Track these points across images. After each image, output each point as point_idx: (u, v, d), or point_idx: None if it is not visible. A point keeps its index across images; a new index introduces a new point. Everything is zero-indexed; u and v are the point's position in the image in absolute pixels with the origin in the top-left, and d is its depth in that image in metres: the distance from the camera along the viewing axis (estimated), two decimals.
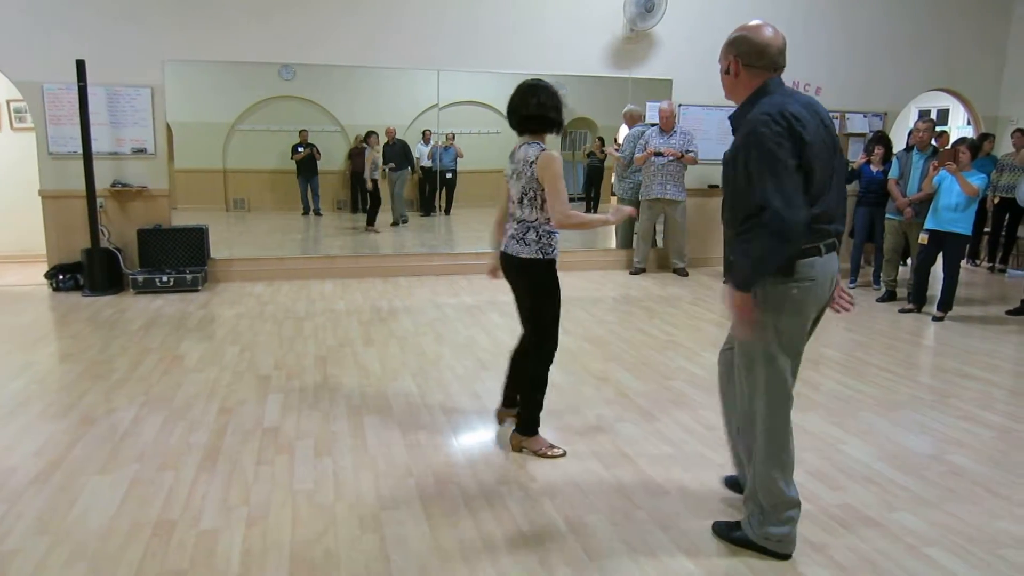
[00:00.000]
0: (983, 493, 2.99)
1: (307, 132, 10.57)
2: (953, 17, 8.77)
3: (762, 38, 2.34)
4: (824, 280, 2.36)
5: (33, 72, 6.53)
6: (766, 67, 2.34)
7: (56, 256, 6.79)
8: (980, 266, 8.77)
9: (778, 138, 2.19)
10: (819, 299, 2.39)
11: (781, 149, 2.19)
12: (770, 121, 2.21)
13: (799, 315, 2.36)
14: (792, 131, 2.21)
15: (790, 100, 2.28)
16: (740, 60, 2.35)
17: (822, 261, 2.34)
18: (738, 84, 2.39)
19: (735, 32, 2.39)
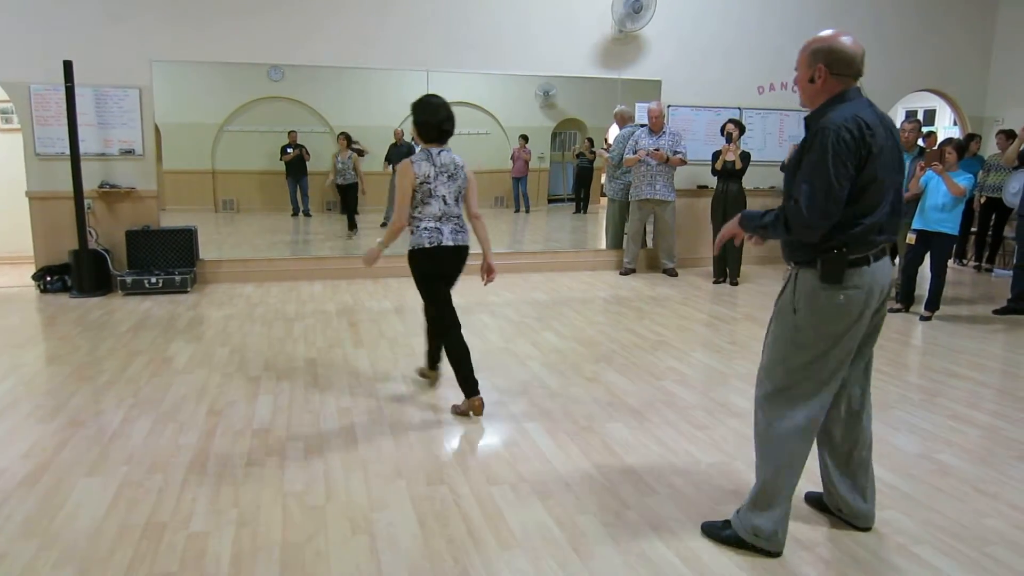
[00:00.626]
0: (971, 492, 3.01)
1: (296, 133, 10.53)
2: (940, 18, 8.84)
3: (850, 48, 2.39)
4: (874, 288, 2.38)
5: (20, 73, 6.49)
6: (852, 75, 2.40)
7: (43, 258, 6.75)
8: (967, 266, 8.84)
9: (845, 146, 2.24)
10: (869, 308, 2.40)
11: (839, 159, 2.24)
12: (843, 128, 2.25)
13: (844, 320, 2.37)
14: (863, 140, 2.26)
15: (865, 109, 2.34)
16: (830, 69, 2.38)
17: (870, 270, 2.36)
18: (821, 91, 2.41)
19: (819, 42, 2.41)
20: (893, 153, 2.36)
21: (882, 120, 2.35)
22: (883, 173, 2.32)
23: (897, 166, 2.39)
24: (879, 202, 2.34)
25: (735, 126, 7.28)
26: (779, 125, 8.54)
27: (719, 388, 4.24)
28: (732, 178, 7.29)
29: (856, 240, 2.33)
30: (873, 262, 2.37)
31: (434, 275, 3.86)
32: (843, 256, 2.32)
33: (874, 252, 2.37)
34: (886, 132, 2.34)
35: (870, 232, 2.34)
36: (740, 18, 8.17)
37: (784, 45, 8.35)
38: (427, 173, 3.68)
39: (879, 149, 2.29)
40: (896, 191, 2.39)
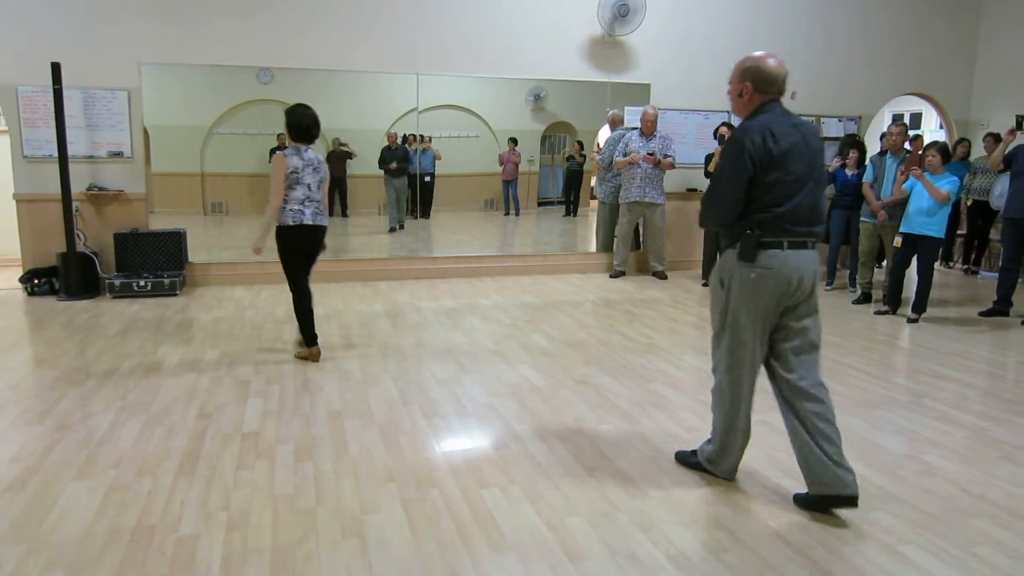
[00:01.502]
0: (957, 492, 3.04)
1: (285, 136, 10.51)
2: (925, 23, 8.92)
3: (774, 70, 2.78)
4: (783, 273, 2.73)
5: (7, 75, 6.45)
6: (774, 92, 2.79)
7: (31, 260, 6.71)
8: (953, 268, 8.92)
9: (747, 151, 2.67)
10: (778, 289, 2.75)
11: (740, 161, 2.68)
12: (748, 136, 2.69)
13: (756, 297, 2.76)
14: (765, 147, 2.66)
15: (778, 120, 2.73)
16: (755, 87, 2.78)
17: (783, 255, 2.73)
18: (747, 104, 2.82)
19: (749, 62, 2.80)
20: (803, 156, 2.72)
21: (797, 128, 2.76)
22: (791, 173, 2.70)
23: (809, 167, 2.74)
24: (790, 196, 2.71)
25: (728, 129, 7.31)
26: None
27: (709, 390, 4.25)
28: None
29: (767, 226, 2.72)
30: (787, 249, 2.73)
31: (296, 248, 4.61)
32: (755, 237, 2.72)
33: (789, 240, 2.73)
34: (797, 140, 2.72)
35: (783, 221, 2.72)
36: (729, 22, 8.22)
37: (773, 49, 8.35)
38: (296, 165, 4.52)
39: (783, 154, 2.68)
40: (814, 188, 2.75)
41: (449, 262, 7.86)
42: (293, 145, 4.60)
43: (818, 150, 2.80)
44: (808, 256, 2.78)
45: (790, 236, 2.73)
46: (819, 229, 2.80)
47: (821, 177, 2.80)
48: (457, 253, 8.27)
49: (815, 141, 2.79)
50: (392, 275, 7.60)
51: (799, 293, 2.79)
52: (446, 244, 9.97)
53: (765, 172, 2.68)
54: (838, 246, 7.37)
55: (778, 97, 2.80)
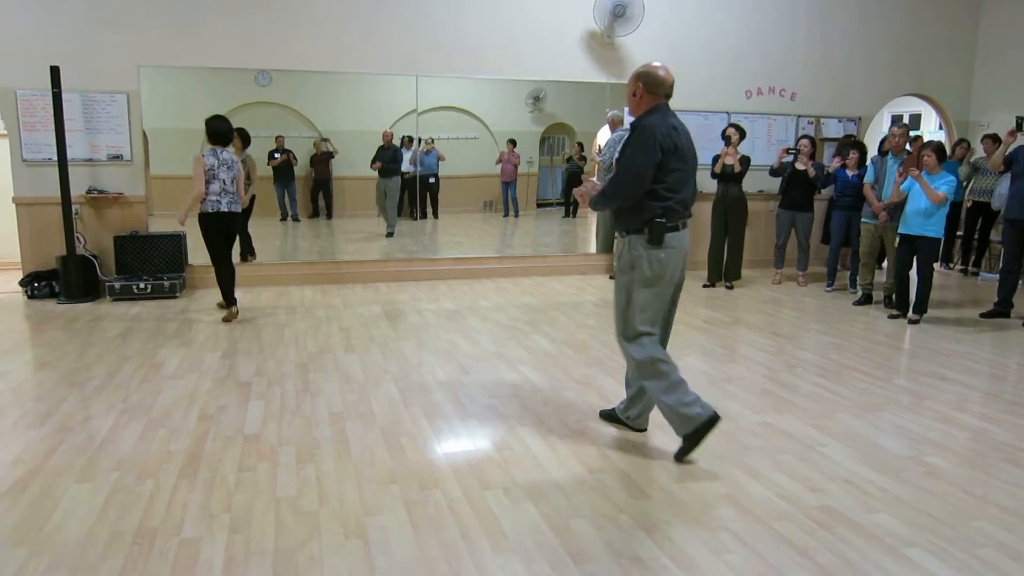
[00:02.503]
0: (960, 494, 3.04)
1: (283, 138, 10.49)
2: (925, 23, 8.94)
3: (662, 76, 3.25)
4: (680, 249, 3.25)
5: (6, 78, 6.45)
6: (662, 95, 3.24)
7: (31, 263, 6.70)
8: (954, 269, 8.92)
9: (655, 142, 3.09)
10: (676, 263, 3.26)
11: (649, 150, 3.10)
12: (655, 129, 3.12)
13: (664, 273, 3.23)
14: (669, 139, 3.13)
15: (671, 119, 3.22)
16: (646, 88, 3.23)
17: (680, 235, 3.24)
18: (640, 104, 3.27)
19: (642, 69, 3.28)
20: (690, 151, 3.23)
21: (681, 126, 3.24)
22: (684, 165, 3.20)
23: (694, 160, 3.28)
24: (683, 185, 3.21)
25: (735, 130, 7.32)
26: (767, 129, 8.61)
27: (711, 392, 4.26)
28: (731, 181, 7.33)
29: (670, 212, 3.18)
30: (681, 229, 3.25)
31: (214, 230, 5.67)
32: (663, 224, 3.16)
33: (681, 221, 3.25)
34: (685, 133, 3.23)
35: (679, 206, 3.21)
36: (728, 23, 8.23)
37: (772, 50, 8.42)
38: (212, 164, 5.55)
39: (679, 147, 3.15)
40: (693, 180, 3.30)
41: (449, 264, 7.86)
42: (211, 148, 5.63)
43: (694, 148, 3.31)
44: (688, 235, 3.33)
45: (683, 219, 3.26)
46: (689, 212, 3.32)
47: (696, 170, 3.35)
48: (457, 255, 8.27)
49: (688, 140, 3.28)
50: (392, 277, 7.60)
51: (683, 268, 3.32)
52: (446, 246, 9.97)
53: (669, 160, 3.13)
54: (838, 247, 7.37)
55: (665, 100, 3.25)
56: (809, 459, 3.34)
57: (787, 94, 8.57)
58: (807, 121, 8.73)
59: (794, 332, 5.72)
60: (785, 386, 4.38)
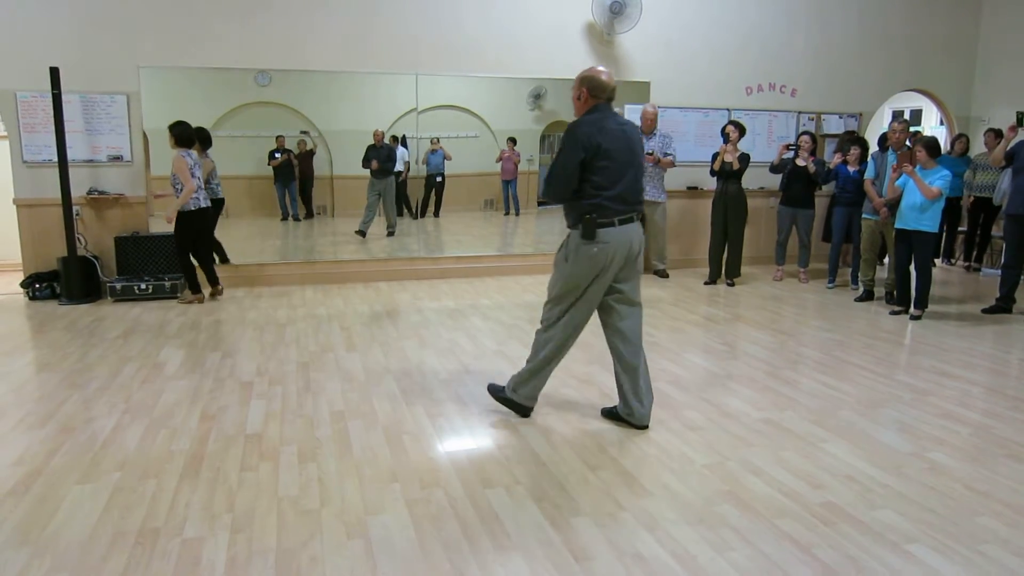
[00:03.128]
0: (962, 490, 3.03)
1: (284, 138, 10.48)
2: (925, 19, 8.92)
3: (604, 79, 3.43)
4: (618, 244, 3.38)
5: (6, 80, 6.45)
6: (604, 97, 3.42)
7: (32, 265, 6.71)
8: (955, 265, 8.91)
9: (580, 142, 3.29)
10: (616, 258, 3.39)
11: (574, 149, 3.30)
12: (581, 130, 3.31)
13: (594, 267, 3.39)
14: (594, 139, 3.28)
15: (607, 119, 3.36)
16: (589, 92, 3.42)
17: (616, 231, 3.37)
18: (583, 106, 3.45)
19: (586, 73, 3.46)
20: (625, 148, 3.36)
21: (621, 125, 3.40)
22: (615, 163, 3.32)
23: (630, 157, 3.38)
24: (615, 182, 3.34)
25: (734, 127, 7.31)
26: (768, 126, 8.60)
27: (712, 389, 4.26)
28: (731, 179, 7.32)
29: (601, 209, 3.33)
30: (618, 225, 3.37)
31: (197, 227, 6.32)
32: (593, 220, 3.33)
33: (619, 218, 3.37)
34: (620, 135, 3.35)
35: (612, 203, 3.34)
36: (728, 19, 8.22)
37: (773, 47, 8.41)
38: (190, 164, 6.17)
39: (609, 145, 3.30)
40: (635, 174, 3.41)
41: (450, 262, 7.86)
42: (184, 150, 6.21)
43: (637, 143, 3.44)
44: (635, 228, 3.45)
45: (619, 215, 3.37)
46: (640, 207, 3.47)
47: (640, 165, 3.46)
48: (458, 253, 8.26)
49: (635, 136, 3.44)
50: (393, 276, 7.60)
51: (630, 258, 3.46)
52: (447, 244, 9.96)
53: (594, 158, 3.29)
54: (840, 243, 7.37)
55: (607, 101, 3.43)
56: (811, 456, 3.34)
57: (787, 90, 8.56)
58: (808, 117, 8.72)
59: (796, 329, 5.72)
60: (787, 383, 4.38)
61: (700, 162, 8.17)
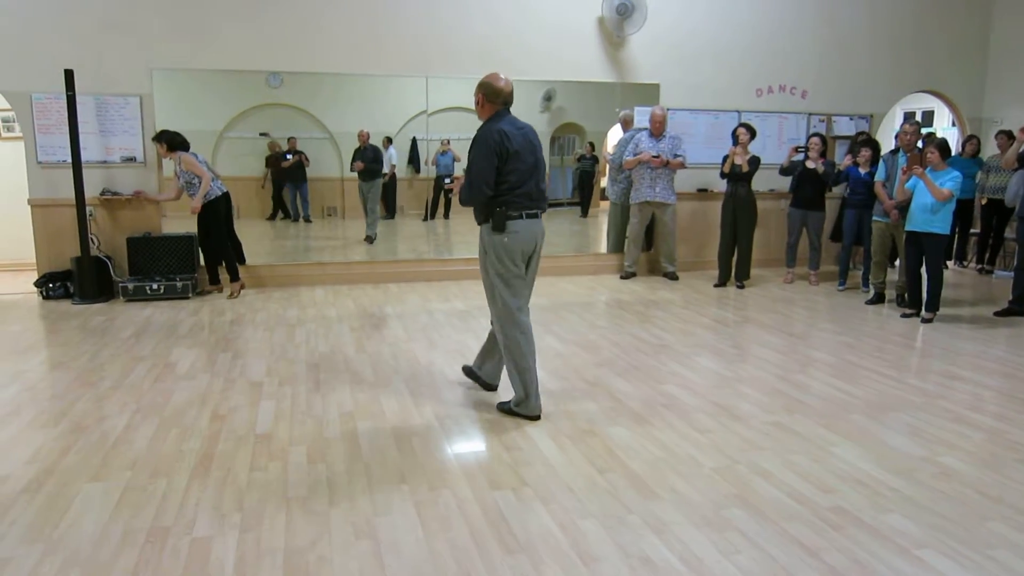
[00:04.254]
0: (973, 495, 3.01)
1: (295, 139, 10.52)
2: (936, 20, 8.87)
3: (499, 85, 3.68)
4: (525, 235, 3.67)
5: (21, 82, 6.52)
6: (501, 102, 3.69)
7: (46, 264, 6.77)
8: (968, 267, 8.85)
9: (492, 146, 3.56)
10: (523, 248, 3.69)
11: (489, 153, 3.56)
12: (491, 135, 3.57)
13: (509, 256, 3.67)
14: (503, 143, 3.56)
15: (508, 124, 3.64)
16: (486, 97, 3.69)
17: (523, 223, 3.66)
18: (483, 111, 3.74)
19: (484, 79, 3.71)
20: (529, 151, 3.67)
21: (521, 129, 3.68)
22: (521, 165, 3.62)
23: (535, 159, 3.69)
24: (523, 181, 3.64)
25: (745, 130, 7.29)
26: (778, 128, 8.57)
27: (721, 392, 4.25)
28: (740, 181, 7.30)
29: (510, 203, 3.61)
30: (525, 219, 3.66)
31: (224, 211, 6.79)
32: (503, 213, 3.60)
33: (525, 212, 3.66)
34: (523, 139, 3.65)
35: (519, 199, 3.63)
36: (738, 21, 8.20)
37: (783, 48, 8.38)
38: (199, 160, 6.63)
39: (516, 150, 3.59)
40: (539, 174, 3.72)
41: (459, 264, 7.87)
42: (190, 152, 6.62)
43: (538, 145, 3.74)
44: (537, 223, 3.74)
45: (525, 209, 3.67)
46: (544, 203, 3.76)
47: (542, 165, 3.75)
48: (467, 255, 8.27)
49: (535, 139, 3.74)
50: (402, 277, 7.62)
51: (534, 252, 3.77)
52: (456, 246, 9.97)
53: (505, 163, 3.56)
54: (850, 245, 7.33)
55: (504, 106, 3.69)
56: (820, 459, 3.33)
57: (797, 92, 8.53)
58: (818, 119, 8.68)
59: (806, 331, 5.70)
60: (796, 386, 4.36)
61: (710, 164, 8.15)
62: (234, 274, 6.86)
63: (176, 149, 6.54)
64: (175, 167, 6.67)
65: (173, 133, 6.56)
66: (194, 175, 6.57)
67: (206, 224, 6.72)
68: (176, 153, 6.56)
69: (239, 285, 6.87)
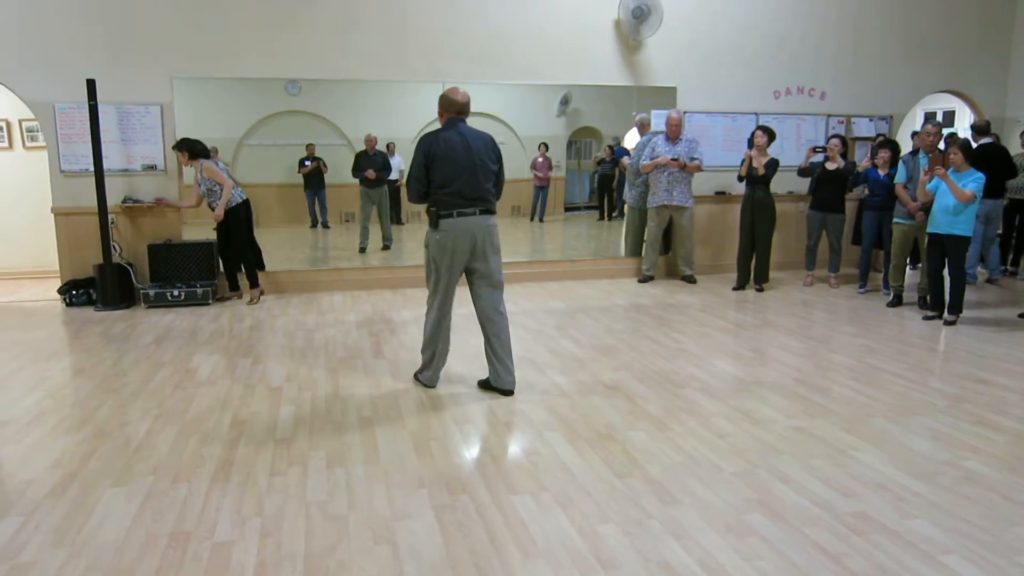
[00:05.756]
0: (998, 499, 2.97)
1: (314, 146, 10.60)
2: (958, 19, 8.77)
3: (453, 97, 4.06)
4: (458, 233, 3.98)
5: (45, 92, 6.62)
6: (455, 112, 4.06)
7: (69, 272, 6.86)
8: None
9: (422, 150, 3.98)
10: (458, 246, 4.00)
11: (419, 157, 3.99)
12: (424, 140, 4.00)
13: (440, 251, 4.02)
14: (432, 148, 3.95)
15: (451, 131, 4.00)
16: (441, 107, 4.08)
17: (454, 221, 3.96)
18: (441, 119, 4.11)
19: (444, 91, 4.09)
20: (462, 155, 3.95)
21: (463, 135, 4.00)
22: (450, 166, 3.93)
23: (468, 163, 3.95)
24: (450, 181, 3.94)
25: (762, 132, 7.24)
26: (796, 129, 8.51)
27: (741, 396, 4.22)
28: (758, 184, 7.26)
29: (441, 203, 3.96)
30: (456, 217, 3.96)
31: (244, 216, 6.83)
32: (436, 212, 3.97)
33: (456, 211, 3.95)
34: (460, 142, 3.97)
35: (449, 198, 3.95)
36: (755, 22, 8.15)
37: (801, 49, 8.33)
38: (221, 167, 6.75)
39: (443, 152, 3.93)
40: (470, 176, 3.96)
41: None
42: (210, 159, 6.74)
43: (480, 149, 4.00)
44: (474, 220, 3.99)
45: (457, 208, 3.95)
46: (481, 203, 3.99)
47: (476, 168, 3.97)
48: None
49: (477, 144, 4.00)
50: (420, 282, 7.59)
51: (477, 246, 4.02)
52: None
53: (432, 164, 3.93)
54: (870, 247, 7.25)
55: (458, 115, 4.04)
56: (842, 464, 3.30)
57: (816, 93, 8.47)
58: (837, 120, 8.62)
59: (826, 335, 5.65)
60: (817, 390, 4.32)
61: (728, 167, 8.11)
62: (253, 280, 6.90)
63: (197, 157, 6.62)
64: (196, 174, 6.72)
65: (193, 141, 6.63)
66: (215, 182, 6.62)
67: (226, 231, 6.78)
68: (198, 161, 6.64)
69: (258, 291, 6.91)
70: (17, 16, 6.46)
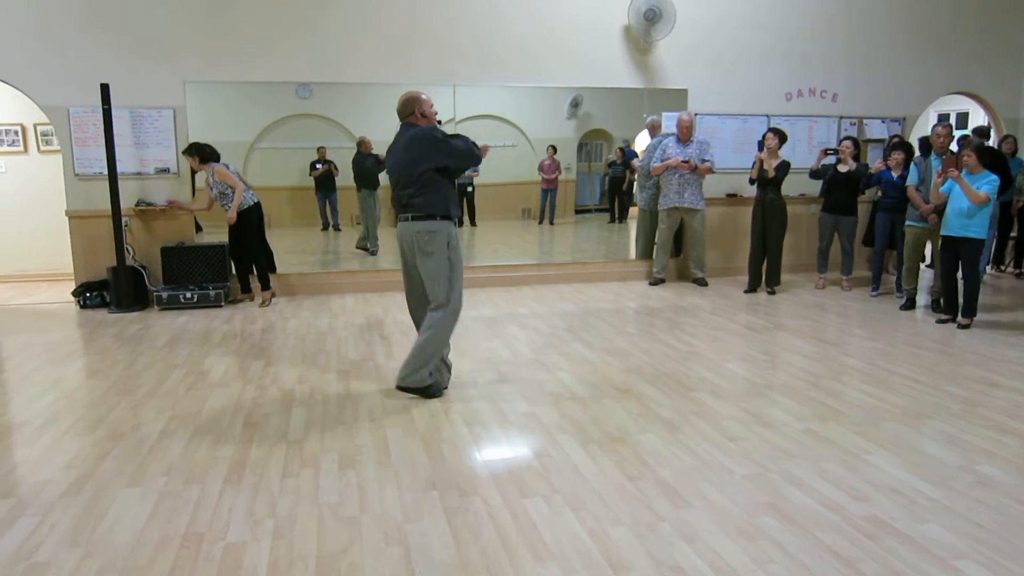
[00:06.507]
0: (1013, 504, 2.95)
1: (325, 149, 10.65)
2: (971, 20, 8.72)
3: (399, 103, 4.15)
4: (399, 238, 4.14)
5: (59, 96, 6.68)
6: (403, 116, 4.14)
7: (83, 274, 6.92)
8: (1006, 272, 8.66)
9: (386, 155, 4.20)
10: (401, 248, 4.17)
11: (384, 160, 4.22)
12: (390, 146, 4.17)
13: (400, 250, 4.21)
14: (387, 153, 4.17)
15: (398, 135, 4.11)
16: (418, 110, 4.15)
17: (400, 226, 4.11)
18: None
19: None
20: (395, 159, 4.05)
21: (396, 141, 4.09)
22: (391, 171, 4.07)
23: (398, 168, 4.03)
24: (393, 187, 4.09)
25: (773, 134, 7.22)
26: (808, 131, 8.48)
27: (752, 399, 4.21)
28: (769, 186, 7.24)
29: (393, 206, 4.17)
30: (399, 223, 4.12)
31: (256, 219, 6.87)
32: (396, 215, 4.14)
33: (400, 215, 4.10)
34: (397, 146, 4.05)
35: (394, 203, 4.12)
36: (767, 24, 8.13)
37: (812, 50, 8.30)
38: (235, 172, 6.82)
39: (388, 162, 4.09)
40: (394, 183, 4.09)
41: (487, 271, 7.89)
42: (221, 163, 6.75)
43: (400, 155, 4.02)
44: (403, 225, 4.09)
45: (401, 212, 4.10)
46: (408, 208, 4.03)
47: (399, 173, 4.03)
48: (494, 262, 8.29)
49: (411, 149, 3.99)
50: None
51: (407, 251, 4.14)
52: (483, 254, 9.99)
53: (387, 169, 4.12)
54: (883, 250, 7.22)
55: (406, 119, 4.11)
56: (854, 467, 3.28)
57: (828, 95, 8.44)
58: (849, 122, 8.58)
59: (838, 337, 5.62)
60: (829, 393, 4.30)
61: (739, 169, 8.09)
62: (265, 283, 6.93)
63: (208, 160, 6.67)
64: (207, 178, 6.76)
65: (203, 145, 6.68)
66: (227, 185, 6.67)
67: (238, 233, 6.82)
68: (209, 164, 6.68)
69: (270, 293, 6.95)
70: (31, 21, 6.53)
